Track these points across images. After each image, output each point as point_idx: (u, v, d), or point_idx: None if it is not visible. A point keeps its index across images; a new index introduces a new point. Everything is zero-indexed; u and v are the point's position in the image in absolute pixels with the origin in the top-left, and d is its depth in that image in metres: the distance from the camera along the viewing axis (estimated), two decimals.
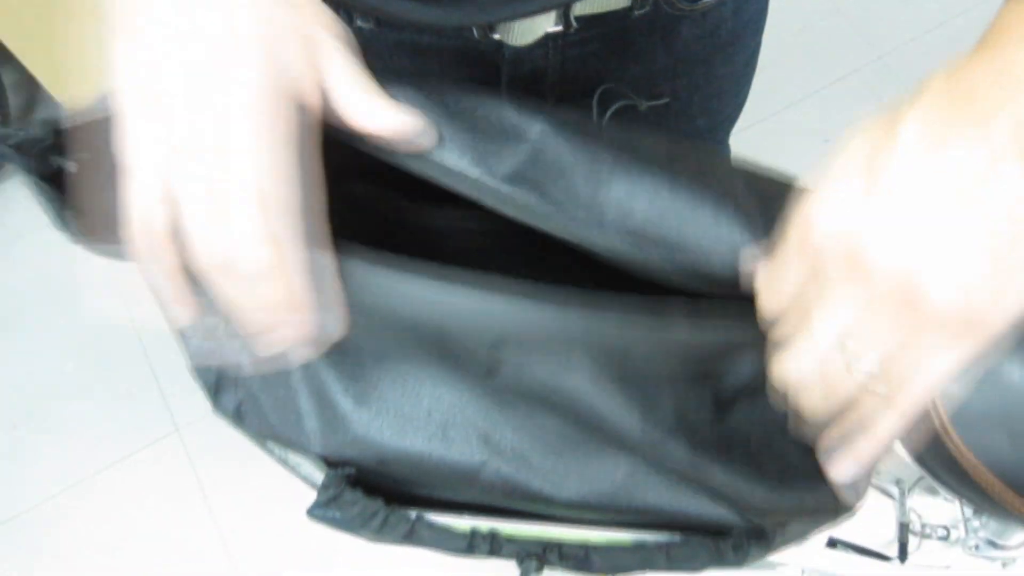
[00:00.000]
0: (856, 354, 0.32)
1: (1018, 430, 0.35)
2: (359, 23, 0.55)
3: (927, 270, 0.29)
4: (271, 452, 0.52)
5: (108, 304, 1.53)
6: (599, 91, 0.58)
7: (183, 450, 1.43)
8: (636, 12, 0.55)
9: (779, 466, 0.43)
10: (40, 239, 1.61)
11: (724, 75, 0.65)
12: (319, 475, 0.51)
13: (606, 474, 0.44)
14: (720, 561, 0.47)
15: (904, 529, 0.80)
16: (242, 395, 0.46)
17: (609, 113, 0.58)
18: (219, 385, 0.47)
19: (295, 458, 0.50)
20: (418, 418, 0.45)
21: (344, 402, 0.45)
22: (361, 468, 0.47)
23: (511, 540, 0.48)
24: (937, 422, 0.37)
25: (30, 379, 1.50)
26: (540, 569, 0.48)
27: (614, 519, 0.47)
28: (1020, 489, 0.36)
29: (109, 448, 1.43)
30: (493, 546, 0.48)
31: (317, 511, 0.49)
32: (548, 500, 0.44)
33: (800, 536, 0.49)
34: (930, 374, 0.31)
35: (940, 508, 0.83)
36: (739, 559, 0.47)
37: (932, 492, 0.83)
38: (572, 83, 0.59)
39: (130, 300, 1.55)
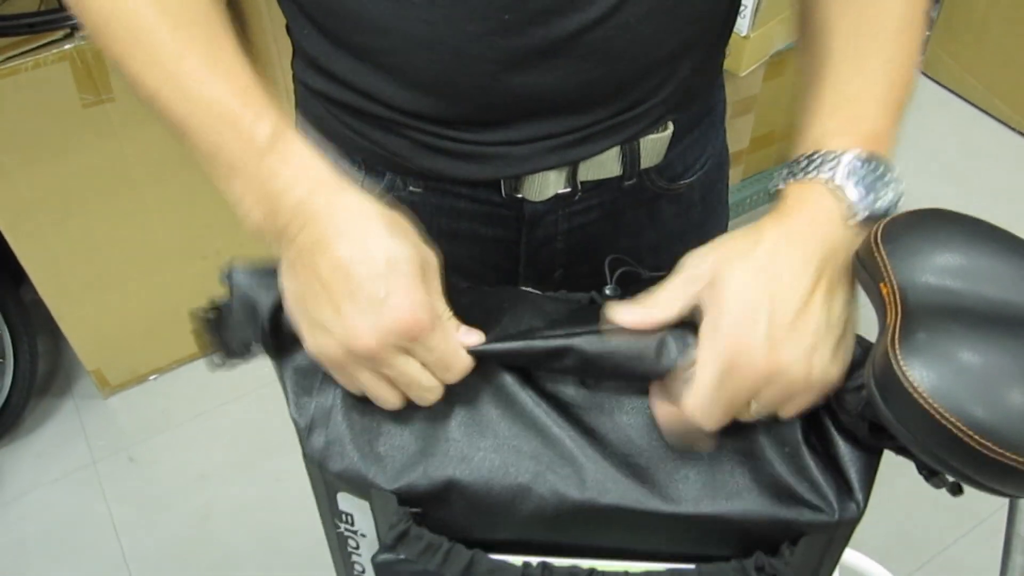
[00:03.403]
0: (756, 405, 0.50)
1: (990, 398, 0.45)
2: (411, 187, 0.68)
3: (798, 367, 0.49)
4: (333, 521, 0.59)
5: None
6: (609, 258, 0.66)
7: None
8: (626, 182, 0.69)
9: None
10: (39, 498, 1.64)
11: None
12: (372, 530, 0.57)
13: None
14: None
15: None
16: (329, 437, 0.54)
17: (615, 276, 0.67)
18: (311, 428, 0.55)
19: (357, 507, 0.56)
20: (482, 447, 0.53)
21: (416, 442, 0.54)
22: (426, 505, 0.53)
23: (560, 570, 0.54)
24: (925, 404, 0.46)
25: None
26: None
27: (654, 527, 0.53)
28: (998, 441, 0.44)
29: None
30: (544, 575, 0.54)
31: (383, 555, 0.54)
32: (593, 506, 0.51)
33: (811, 561, 0.55)
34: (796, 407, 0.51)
35: None
36: None
37: None
38: (576, 251, 0.73)
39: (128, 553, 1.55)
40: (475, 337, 0.52)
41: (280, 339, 0.55)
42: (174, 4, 0.52)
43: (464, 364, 0.52)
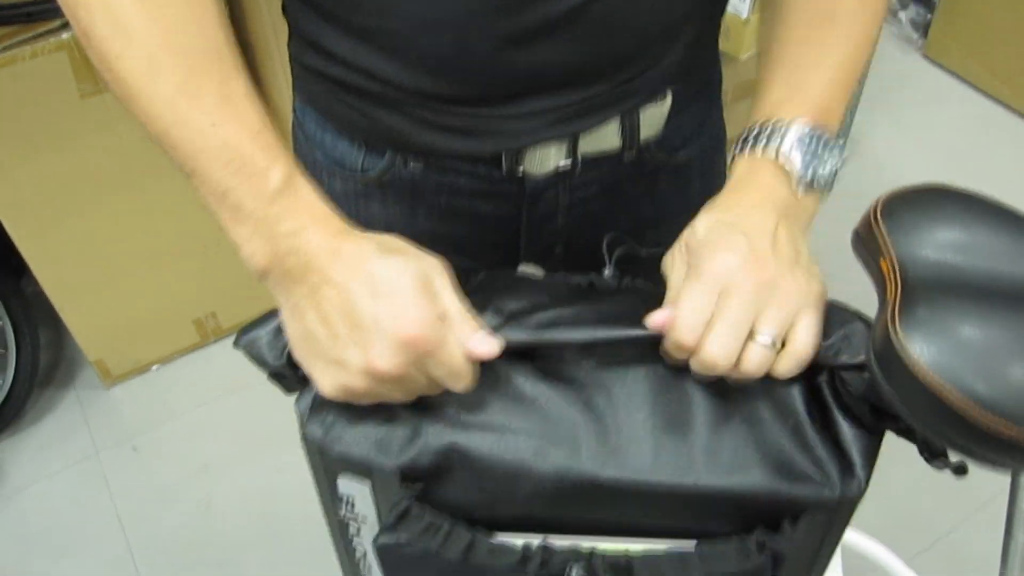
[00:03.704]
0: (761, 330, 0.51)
1: (992, 371, 0.44)
2: (411, 164, 0.68)
3: (787, 275, 0.51)
4: (333, 506, 0.58)
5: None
6: (607, 237, 0.67)
7: None
8: (626, 156, 0.69)
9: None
10: (42, 490, 1.64)
11: None
12: (372, 513, 0.57)
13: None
14: (746, 557, 0.53)
15: None
16: (328, 421, 0.54)
17: (615, 256, 0.67)
18: (310, 412, 0.54)
19: (358, 490, 0.56)
20: (484, 423, 0.53)
21: (415, 419, 0.53)
22: (429, 481, 0.53)
23: (560, 551, 0.53)
24: (925, 379, 0.45)
25: None
26: (587, 573, 0.53)
27: (651, 500, 0.53)
28: (1000, 414, 0.43)
29: None
30: (544, 557, 0.53)
31: (384, 536, 0.54)
32: (594, 481, 0.51)
33: (812, 539, 0.55)
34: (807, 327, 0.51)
35: None
36: (763, 556, 0.53)
37: None
38: (577, 226, 0.73)
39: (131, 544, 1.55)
40: (488, 347, 0.51)
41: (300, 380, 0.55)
42: (186, 42, 0.51)
43: (471, 376, 0.52)
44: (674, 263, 0.56)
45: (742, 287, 0.50)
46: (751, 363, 0.51)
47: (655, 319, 0.53)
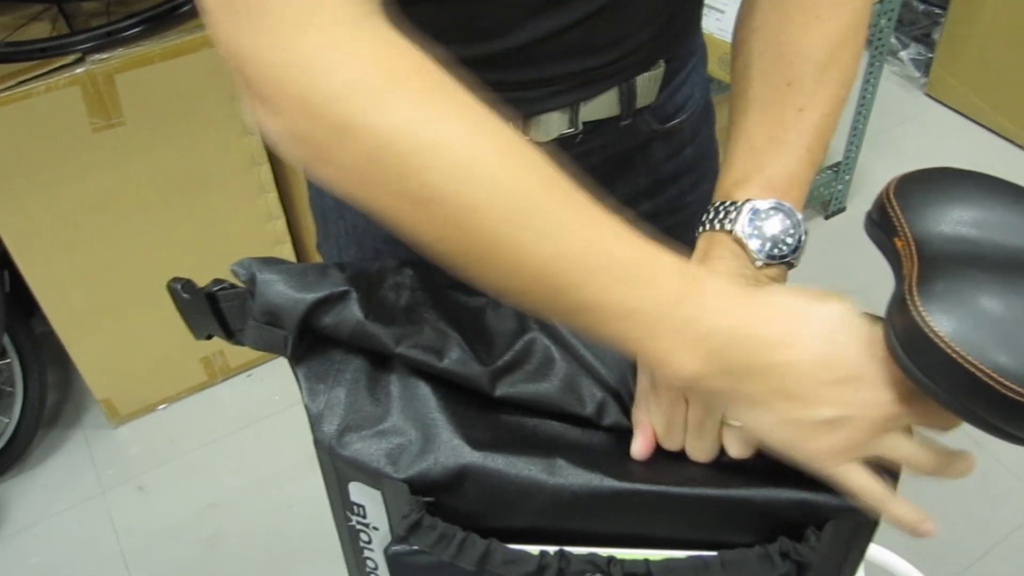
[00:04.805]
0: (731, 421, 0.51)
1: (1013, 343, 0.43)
2: None
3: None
4: (344, 513, 0.57)
5: None
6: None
7: None
8: (623, 121, 0.70)
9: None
10: (47, 529, 1.62)
11: (692, 202, 0.81)
12: (384, 522, 0.56)
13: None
14: (770, 565, 0.51)
15: None
16: (341, 425, 0.53)
17: None
18: (323, 414, 0.54)
19: (369, 498, 0.55)
20: (497, 439, 0.52)
21: (427, 431, 0.53)
22: (439, 493, 0.52)
23: (578, 559, 0.52)
24: (948, 350, 0.44)
25: None
26: None
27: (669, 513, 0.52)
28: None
29: None
30: (561, 564, 0.52)
31: (396, 547, 0.53)
32: (614, 490, 0.50)
33: (837, 548, 0.53)
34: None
35: None
36: (786, 564, 0.51)
37: None
38: None
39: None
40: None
41: (303, 345, 0.55)
42: (535, 171, 0.47)
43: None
44: (640, 370, 0.55)
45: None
46: (733, 448, 0.52)
47: (639, 450, 0.53)
